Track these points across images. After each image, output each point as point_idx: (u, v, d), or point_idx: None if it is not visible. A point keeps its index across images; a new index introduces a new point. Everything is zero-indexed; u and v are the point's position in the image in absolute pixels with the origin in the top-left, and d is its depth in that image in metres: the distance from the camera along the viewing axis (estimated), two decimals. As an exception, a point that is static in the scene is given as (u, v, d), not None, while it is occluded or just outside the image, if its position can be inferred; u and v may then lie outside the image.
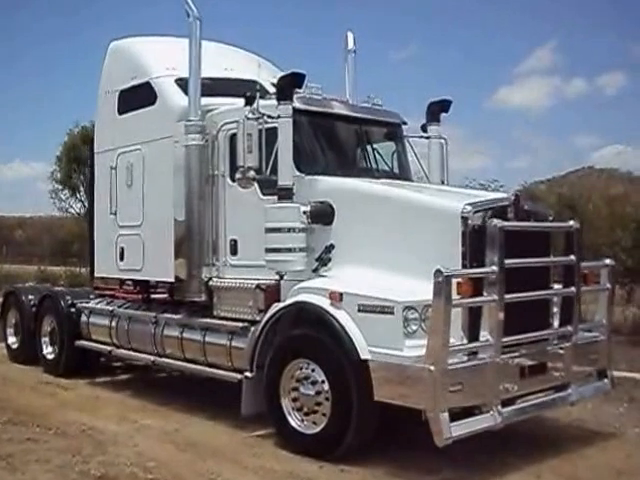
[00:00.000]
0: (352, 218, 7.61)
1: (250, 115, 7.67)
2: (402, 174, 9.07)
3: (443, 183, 9.29)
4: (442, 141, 9.44)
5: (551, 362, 7.35)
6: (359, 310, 6.83)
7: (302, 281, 7.65)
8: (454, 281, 6.38)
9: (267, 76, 9.72)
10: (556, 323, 7.60)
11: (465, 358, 6.63)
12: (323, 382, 7.11)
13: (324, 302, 7.11)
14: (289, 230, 7.61)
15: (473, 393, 6.56)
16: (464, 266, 6.77)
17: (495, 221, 6.72)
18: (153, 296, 10.58)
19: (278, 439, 7.63)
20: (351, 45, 10.14)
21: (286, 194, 7.69)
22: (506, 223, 6.82)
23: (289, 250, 7.61)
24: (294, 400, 7.39)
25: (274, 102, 7.95)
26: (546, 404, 7.37)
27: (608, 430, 8.27)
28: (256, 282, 8.12)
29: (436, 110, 9.38)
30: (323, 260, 7.70)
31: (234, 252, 8.62)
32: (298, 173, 7.86)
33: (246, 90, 9.01)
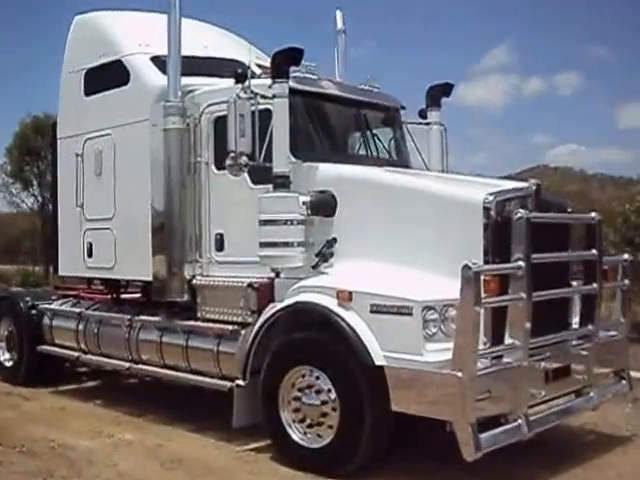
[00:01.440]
0: (357, 209, 7.00)
1: (242, 94, 6.99)
2: (402, 162, 8.49)
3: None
4: (442, 128, 8.86)
5: (574, 364, 6.86)
6: (372, 311, 6.24)
7: (300, 279, 7.02)
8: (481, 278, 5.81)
9: (250, 56, 9.05)
10: (575, 322, 7.11)
11: (489, 362, 6.08)
12: (329, 391, 6.50)
13: (330, 302, 6.49)
14: (286, 222, 6.96)
15: (501, 401, 6.04)
16: (486, 261, 6.22)
17: (522, 212, 6.18)
18: (123, 296, 9.86)
19: (276, 453, 7.01)
20: (340, 25, 9.54)
21: (282, 182, 7.04)
22: (533, 214, 6.29)
23: (286, 244, 6.97)
24: (295, 411, 6.77)
25: (266, 81, 7.29)
26: (570, 410, 6.89)
27: (621, 433, 7.86)
28: (247, 280, 7.45)
29: (437, 94, 8.82)
30: (324, 255, 7.08)
31: (220, 247, 7.95)
32: (294, 160, 7.22)
33: (229, 70, 8.40)
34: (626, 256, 7.44)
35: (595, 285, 7.02)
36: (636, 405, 8.97)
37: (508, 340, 6.19)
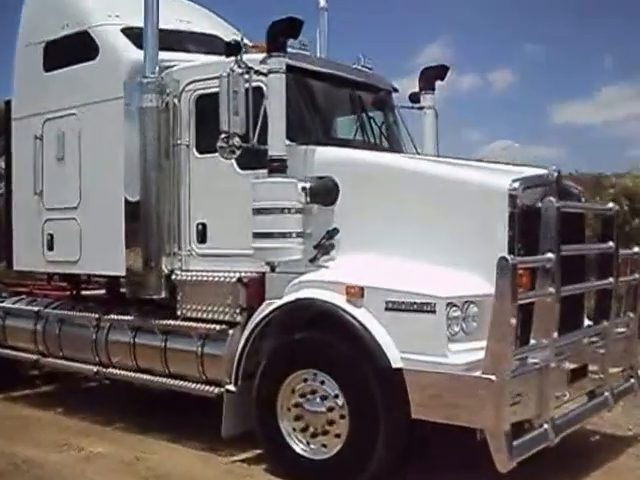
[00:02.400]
0: (363, 197, 6.43)
1: (237, 68, 6.34)
2: (396, 148, 7.95)
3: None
4: (435, 112, 8.36)
5: (591, 363, 6.45)
6: (387, 308, 5.69)
7: (296, 273, 6.43)
8: (512, 271, 5.32)
9: (228, 33, 8.46)
10: (587, 319, 6.73)
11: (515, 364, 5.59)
12: (337, 397, 5.93)
13: (338, 299, 5.92)
14: (283, 211, 6.34)
15: (529, 405, 5.58)
16: (511, 252, 5.73)
17: (553, 200, 5.72)
18: (85, 293, 9.10)
19: (272, 465, 6.41)
20: (323, 3, 8.92)
21: (279, 167, 6.41)
22: (563, 203, 5.84)
23: (283, 235, 6.35)
24: (297, 419, 6.17)
25: (258, 56, 6.66)
26: (589, 411, 6.47)
27: (625, 433, 7.51)
28: (236, 275, 6.81)
29: (431, 77, 8.31)
30: (324, 248, 6.49)
31: (202, 239, 7.27)
32: (288, 142, 6.59)
33: (210, 46, 7.77)
34: (637, 249, 7.05)
35: (611, 279, 6.62)
36: (627, 403, 8.65)
37: (532, 339, 5.73)
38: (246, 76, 6.42)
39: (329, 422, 5.97)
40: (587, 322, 6.72)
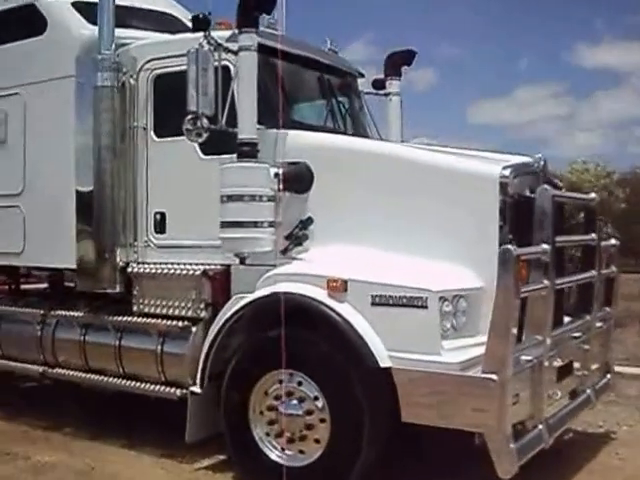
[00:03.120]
0: (340, 185, 5.79)
1: (206, 45, 5.60)
2: (364, 134, 7.32)
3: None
4: (400, 99, 7.78)
5: (576, 360, 5.97)
6: (373, 303, 5.07)
7: (267, 266, 5.74)
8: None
9: (182, 13, 7.71)
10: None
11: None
12: (316, 399, 5.29)
13: (319, 293, 5.27)
14: (255, 198, 5.65)
15: (526, 405, 5.06)
16: (502, 243, 5.18)
17: (548, 188, 5.19)
18: (25, 287, 8.18)
19: (244, 474, 5.75)
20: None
21: (249, 151, 5.71)
22: (557, 192, 5.35)
23: (255, 224, 5.65)
24: (271, 423, 5.51)
25: (225, 33, 5.95)
26: (575, 410, 5.98)
27: (597, 430, 7.12)
28: (201, 268, 6.08)
29: (398, 62, 7.72)
30: (297, 238, 5.83)
31: (161, 229, 6.51)
32: (258, 126, 5.87)
33: (162, 23, 7.02)
34: (613, 241, 6.62)
35: (594, 272, 6.16)
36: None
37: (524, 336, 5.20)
38: (215, 53, 5.67)
39: (307, 426, 5.33)
40: (566, 318, 6.23)
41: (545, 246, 5.15)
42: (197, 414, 5.86)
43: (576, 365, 6.01)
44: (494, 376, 4.58)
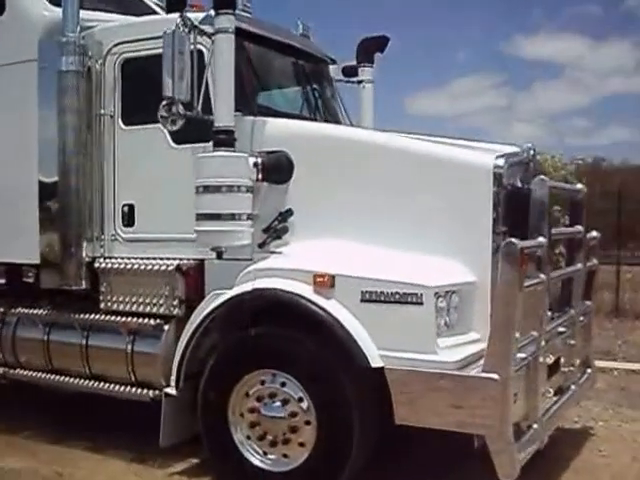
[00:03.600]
0: (323, 175, 5.40)
1: (182, 26, 5.13)
2: (338, 124, 6.91)
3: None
4: (373, 86, 7.40)
5: (563, 356, 5.69)
6: (363, 300, 4.70)
7: (244, 260, 5.33)
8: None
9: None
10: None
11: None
12: (301, 400, 4.90)
13: (304, 289, 4.87)
14: (233, 189, 5.21)
15: (523, 404, 4.75)
16: (496, 237, 4.88)
17: (545, 179, 4.89)
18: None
19: (221, 478, 5.27)
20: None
21: (226, 140, 5.27)
22: (553, 183, 5.05)
23: (233, 217, 5.22)
24: (252, 426, 5.09)
25: (200, 14, 5.49)
26: (564, 408, 5.70)
27: (574, 426, 6.89)
28: (174, 262, 5.63)
29: (370, 49, 7.33)
30: (276, 231, 5.42)
31: (129, 222, 6.03)
32: (234, 113, 5.43)
33: (128, 6, 6.52)
34: (595, 233, 6.35)
35: (580, 265, 5.90)
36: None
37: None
38: (190, 36, 5.21)
39: (291, 429, 4.94)
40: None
41: (542, 239, 4.85)
42: (172, 417, 5.43)
43: (561, 361, 5.73)
44: (495, 375, 4.27)
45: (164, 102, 5.16)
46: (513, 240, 4.31)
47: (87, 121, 6.03)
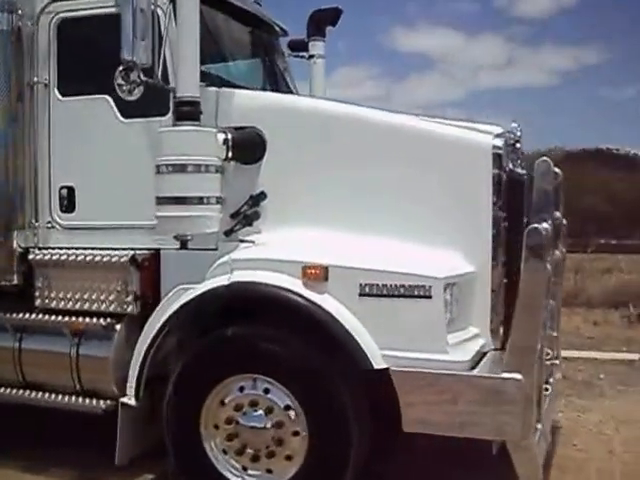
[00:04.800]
0: (299, 155, 4.63)
1: (141, -20, 4.23)
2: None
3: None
4: (324, 61, 6.65)
5: (548, 347, 5.18)
6: (362, 294, 3.99)
7: (208, 250, 4.52)
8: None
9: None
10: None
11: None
12: (288, 408, 4.14)
13: (292, 282, 4.10)
14: (200, 169, 4.36)
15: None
16: (496, 223, 4.28)
17: (549, 161, 4.32)
18: None
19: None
20: None
21: (191, 112, 4.42)
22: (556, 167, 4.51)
23: (200, 200, 4.37)
24: (229, 439, 4.29)
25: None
26: (554, 402, 5.23)
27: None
28: (128, 253, 4.72)
29: (322, 22, 6.55)
30: (246, 217, 4.61)
31: (68, 207, 5.06)
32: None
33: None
34: (564, 221, 5.86)
35: (558, 252, 5.40)
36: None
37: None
38: (148, -8, 4.31)
39: (277, 441, 4.17)
40: None
41: (546, 225, 4.27)
42: (129, 430, 4.53)
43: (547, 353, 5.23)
44: (518, 375, 3.66)
45: (121, 67, 4.25)
46: (537, 226, 3.71)
47: (17, 90, 5.02)
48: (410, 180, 4.41)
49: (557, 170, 5.40)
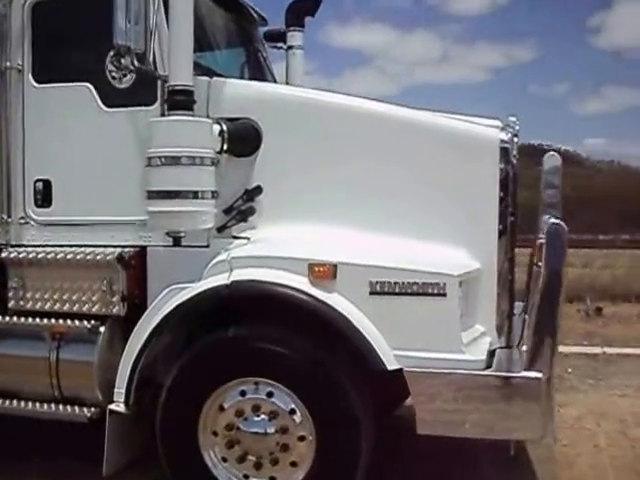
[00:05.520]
0: (298, 148, 4.45)
1: (134, -43, 3.98)
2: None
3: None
4: (302, 52, 6.49)
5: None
6: (373, 292, 3.86)
7: (198, 247, 4.32)
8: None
9: None
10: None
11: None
12: (293, 412, 3.97)
13: (298, 280, 3.93)
14: (194, 161, 4.15)
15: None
16: (502, 219, 4.23)
17: (556, 155, 4.28)
18: None
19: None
20: None
21: (185, 102, 4.20)
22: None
23: (195, 195, 4.15)
24: (230, 446, 4.09)
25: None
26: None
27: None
28: (114, 251, 4.47)
29: (301, 12, 6.37)
30: (241, 213, 4.42)
31: (44, 202, 4.75)
32: (186, 71, 4.34)
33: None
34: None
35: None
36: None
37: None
38: (140, -28, 4.07)
39: (282, 447, 3.99)
40: None
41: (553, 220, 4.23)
42: (118, 439, 4.28)
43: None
44: (539, 374, 3.60)
45: (113, 52, 4.00)
46: (559, 222, 3.66)
47: (-12, 76, 4.66)
48: (414, 174, 4.29)
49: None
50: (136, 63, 4.02)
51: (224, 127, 4.27)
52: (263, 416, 4.01)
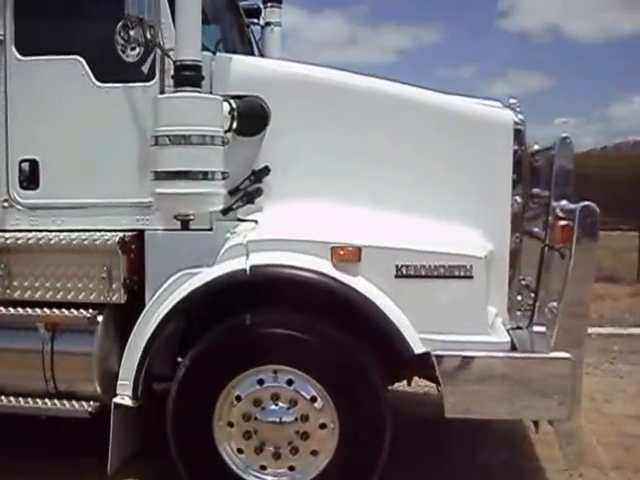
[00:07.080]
0: (308, 127, 4.36)
1: None
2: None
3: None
4: (280, 29, 6.40)
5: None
6: (398, 275, 3.84)
7: (201, 231, 4.22)
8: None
9: None
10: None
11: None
12: (314, 400, 3.93)
13: (320, 264, 3.88)
14: (205, 140, 4.02)
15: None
16: (515, 201, 4.31)
17: (568, 137, 4.35)
18: None
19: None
20: None
21: (193, 78, 4.05)
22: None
23: (205, 175, 4.03)
24: (247, 437, 4.00)
25: None
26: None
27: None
28: (114, 235, 4.31)
29: (280, -13, 6.28)
30: (248, 194, 4.33)
31: (30, 183, 4.52)
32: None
33: None
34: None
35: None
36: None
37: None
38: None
39: (302, 435, 3.95)
40: None
41: (564, 202, 4.33)
42: (123, 433, 4.14)
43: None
44: (568, 354, 3.68)
45: (121, 23, 3.83)
46: (590, 204, 3.73)
47: (-31, 47, 4.39)
48: (430, 155, 4.29)
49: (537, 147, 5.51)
50: (149, 35, 3.86)
51: (233, 105, 4.16)
52: (282, 404, 3.94)
